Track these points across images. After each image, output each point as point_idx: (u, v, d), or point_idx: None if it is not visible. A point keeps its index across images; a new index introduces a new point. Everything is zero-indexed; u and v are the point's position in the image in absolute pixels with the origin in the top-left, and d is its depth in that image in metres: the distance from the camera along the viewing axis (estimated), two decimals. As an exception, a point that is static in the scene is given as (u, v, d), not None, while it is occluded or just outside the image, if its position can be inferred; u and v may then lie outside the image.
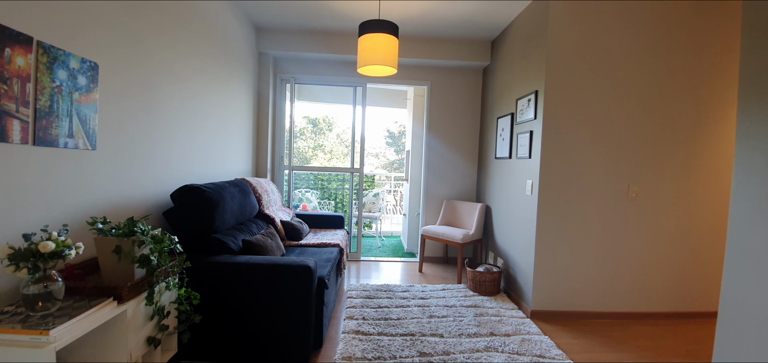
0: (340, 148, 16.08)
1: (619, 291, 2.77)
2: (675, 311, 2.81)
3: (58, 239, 1.17)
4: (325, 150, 15.47)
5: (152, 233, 1.48)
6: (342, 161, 15.58)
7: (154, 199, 2.09)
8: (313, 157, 14.77)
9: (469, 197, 4.17)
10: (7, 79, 1.26)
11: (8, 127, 1.27)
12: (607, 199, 2.72)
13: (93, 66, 1.61)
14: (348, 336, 2.34)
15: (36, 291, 1.14)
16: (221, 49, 2.90)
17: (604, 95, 2.67)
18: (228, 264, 1.93)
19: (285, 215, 3.36)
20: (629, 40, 2.65)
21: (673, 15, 2.65)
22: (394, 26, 2.51)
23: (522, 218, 2.94)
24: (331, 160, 15.16)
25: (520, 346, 2.29)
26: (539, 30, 2.74)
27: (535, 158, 2.74)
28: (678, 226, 2.77)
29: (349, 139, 16.09)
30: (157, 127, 2.09)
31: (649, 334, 2.57)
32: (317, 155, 15.07)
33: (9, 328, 1.07)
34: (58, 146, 1.45)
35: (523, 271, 2.89)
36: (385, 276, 3.70)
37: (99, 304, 1.24)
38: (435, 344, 2.28)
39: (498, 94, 3.57)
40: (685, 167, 2.75)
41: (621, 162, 2.71)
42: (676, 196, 2.76)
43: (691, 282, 2.81)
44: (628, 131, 2.70)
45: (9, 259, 1.10)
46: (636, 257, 2.76)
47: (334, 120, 15.65)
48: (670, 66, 2.69)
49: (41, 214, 1.39)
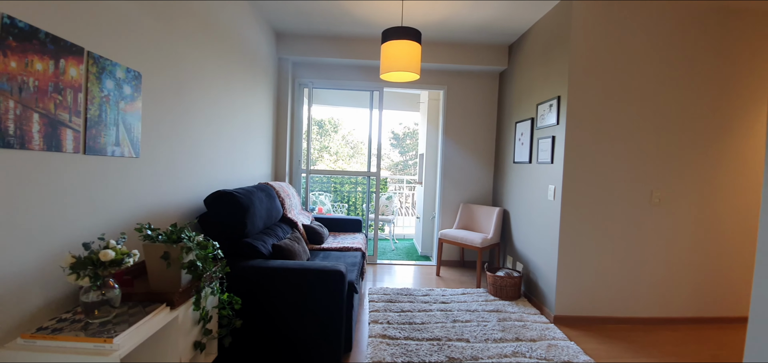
0: (345, 150, 16.13)
1: (641, 296, 2.77)
2: (698, 316, 2.81)
3: (117, 247, 1.20)
4: (331, 151, 15.52)
5: (197, 239, 1.51)
6: (347, 163, 15.62)
7: (187, 204, 2.12)
8: (319, 158, 14.81)
9: (485, 201, 4.18)
10: (62, 90, 1.29)
11: (62, 136, 1.30)
12: (630, 204, 2.72)
13: (137, 75, 1.64)
14: (375, 340, 2.36)
15: (95, 298, 1.17)
16: (246, 55, 2.93)
17: (627, 100, 2.68)
18: (264, 268, 1.96)
19: (305, 219, 3.38)
20: (652, 45, 2.66)
21: (696, 19, 2.66)
22: (417, 33, 2.54)
23: (543, 223, 2.94)
24: (337, 162, 15.21)
25: (548, 351, 2.30)
26: (561, 35, 2.76)
27: (558, 163, 2.75)
28: (701, 232, 2.78)
29: (354, 140, 16.16)
30: (191, 134, 2.13)
31: (672, 340, 2.57)
32: (323, 157, 15.12)
33: (72, 335, 1.10)
34: (106, 154, 1.49)
35: (545, 276, 2.90)
36: (403, 279, 3.72)
37: (154, 310, 1.27)
38: (462, 349, 2.29)
39: (516, 99, 3.59)
40: (708, 172, 2.75)
41: (644, 167, 2.71)
42: (699, 202, 2.76)
43: (714, 287, 2.81)
44: (651, 136, 2.70)
45: (71, 268, 1.12)
46: (659, 262, 2.76)
47: (340, 122, 15.70)
48: (694, 70, 2.69)
49: (91, 221, 1.42)
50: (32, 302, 1.22)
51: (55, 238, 1.28)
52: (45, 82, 1.22)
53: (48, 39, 1.23)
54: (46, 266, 1.26)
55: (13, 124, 1.13)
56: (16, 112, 1.13)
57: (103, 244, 1.21)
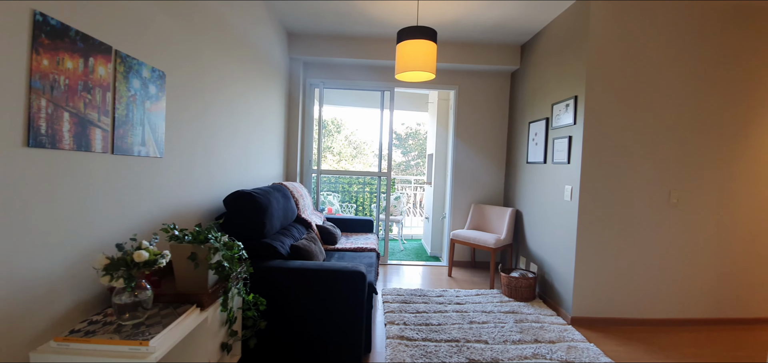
0: (348, 150, 16.10)
1: (660, 297, 2.75)
2: (716, 317, 2.79)
3: (150, 248, 1.18)
4: (334, 152, 15.49)
5: (223, 240, 1.49)
6: (350, 163, 15.61)
7: (207, 204, 2.11)
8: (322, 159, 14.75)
9: (497, 201, 4.16)
10: (91, 89, 1.27)
11: (92, 136, 1.28)
12: (648, 205, 2.70)
13: (161, 75, 1.62)
14: (393, 341, 2.34)
15: (127, 300, 1.15)
16: (260, 56, 2.91)
17: (645, 100, 2.66)
18: (285, 269, 1.94)
19: (318, 219, 3.36)
20: (670, 44, 2.64)
21: (713, 19, 2.64)
22: (433, 32, 2.52)
23: (559, 224, 2.92)
24: (341, 163, 15.19)
25: (568, 353, 2.27)
26: (578, 34, 2.74)
27: (575, 164, 2.73)
28: (720, 232, 2.75)
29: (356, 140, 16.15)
30: (210, 134, 2.11)
31: (691, 341, 2.55)
32: (326, 157, 15.09)
33: (106, 338, 1.08)
34: (133, 154, 1.47)
35: (561, 277, 2.88)
36: (414, 280, 3.70)
37: (185, 311, 1.25)
38: (482, 351, 2.27)
39: (529, 99, 3.57)
40: (727, 172, 2.73)
41: (662, 168, 2.69)
42: (717, 202, 2.74)
43: (733, 288, 2.79)
44: (669, 137, 2.68)
45: (105, 269, 1.10)
46: (677, 263, 2.74)
47: (343, 122, 15.68)
48: (712, 70, 2.67)
49: (118, 221, 1.41)
50: (62, 304, 1.20)
51: (84, 238, 1.26)
52: (75, 80, 1.21)
53: (78, 37, 1.21)
54: (76, 267, 1.24)
55: (44, 122, 1.11)
56: (47, 111, 1.12)
57: (136, 244, 1.19)
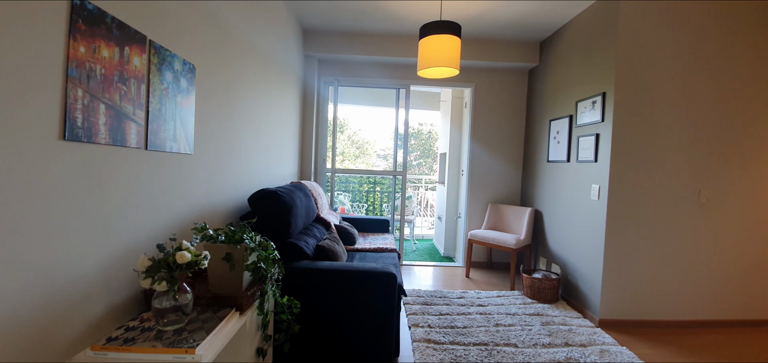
0: (351, 150, 16.03)
1: (688, 298, 2.68)
2: (747, 319, 2.72)
3: (192, 249, 1.11)
4: (337, 152, 15.40)
5: (258, 240, 1.42)
6: (353, 162, 15.55)
7: (232, 203, 2.04)
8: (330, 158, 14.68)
9: (514, 201, 4.09)
10: (127, 80, 1.21)
11: (127, 129, 1.21)
12: (677, 204, 2.64)
13: (192, 68, 1.55)
14: (421, 345, 2.27)
15: (168, 304, 1.08)
16: (279, 53, 2.84)
17: (674, 98, 2.60)
18: (315, 270, 1.87)
19: (334, 219, 3.29)
20: (699, 43, 2.57)
21: (743, 18, 2.58)
22: (457, 26, 2.45)
23: (586, 224, 2.86)
24: (344, 162, 15.11)
25: (601, 357, 2.21)
26: (606, 30, 2.67)
27: (603, 162, 2.67)
28: (750, 232, 2.69)
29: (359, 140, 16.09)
30: (236, 131, 2.04)
31: (723, 343, 2.48)
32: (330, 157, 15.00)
33: (148, 346, 1.01)
34: (165, 150, 1.40)
35: (588, 278, 2.81)
36: (430, 281, 3.63)
37: (225, 315, 1.18)
38: (512, 355, 2.20)
39: (550, 96, 3.50)
40: (756, 172, 2.66)
41: (692, 166, 2.63)
42: (747, 202, 2.67)
43: (762, 288, 2.72)
44: (699, 135, 2.62)
45: (147, 271, 1.03)
46: (707, 264, 2.67)
47: (346, 121, 15.60)
48: (743, 70, 2.61)
49: (151, 219, 1.34)
50: (96, 309, 1.13)
51: (118, 239, 1.19)
52: (111, 70, 1.14)
53: (114, 24, 1.14)
54: (110, 269, 1.17)
55: (81, 114, 1.04)
56: (84, 102, 1.04)
57: (176, 245, 1.12)
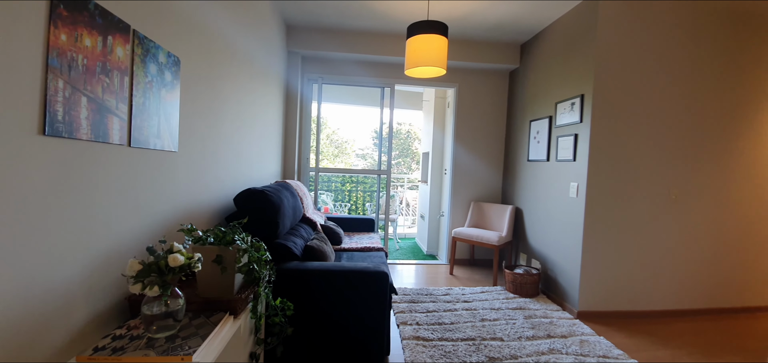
0: (329, 149, 15.88)
1: (660, 290, 2.85)
2: (713, 307, 2.92)
3: (184, 251, 1.05)
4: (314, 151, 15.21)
5: (250, 240, 1.38)
6: (332, 162, 15.42)
7: (217, 203, 1.96)
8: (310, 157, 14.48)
9: (495, 199, 4.20)
10: (109, 72, 1.13)
11: (109, 124, 1.14)
12: (650, 201, 2.79)
13: (176, 61, 1.48)
14: (410, 342, 2.28)
15: (159, 310, 1.02)
16: (263, 47, 2.76)
17: (648, 100, 2.75)
18: (306, 270, 1.83)
19: (320, 218, 3.24)
20: (672, 46, 2.74)
21: (713, 20, 2.76)
22: (444, 27, 2.48)
23: (564, 220, 2.97)
24: (323, 161, 14.95)
25: (582, 347, 2.30)
26: (584, 34, 2.79)
27: (581, 161, 2.78)
28: (716, 227, 2.89)
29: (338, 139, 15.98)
30: (220, 128, 1.96)
31: (692, 330, 2.65)
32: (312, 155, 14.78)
33: (140, 355, 0.95)
34: (149, 147, 1.32)
35: (566, 272, 2.92)
36: (415, 278, 3.65)
37: (219, 319, 1.13)
38: (499, 348, 2.26)
39: (530, 97, 3.61)
40: (724, 169, 2.87)
41: (663, 165, 2.79)
42: (714, 199, 2.87)
43: (728, 279, 2.94)
44: (669, 135, 2.79)
45: (137, 275, 0.97)
46: (677, 257, 2.85)
47: (325, 120, 15.43)
48: (712, 71, 2.80)
49: (134, 222, 1.26)
50: (78, 317, 1.05)
51: (100, 242, 1.11)
52: (93, 61, 1.06)
53: (97, 11, 1.07)
54: (92, 274, 1.09)
55: (62, 107, 0.96)
56: (65, 94, 0.97)
57: (166, 247, 1.06)
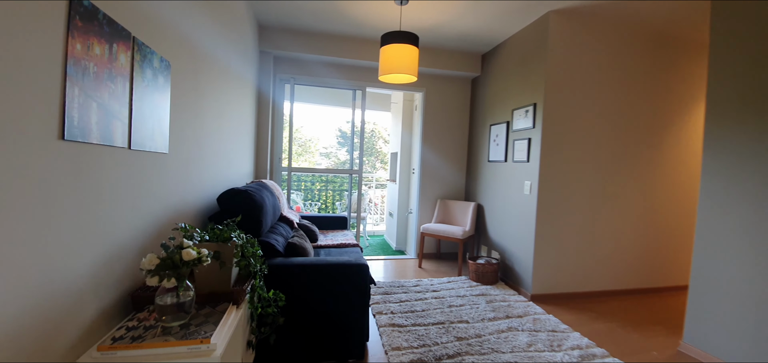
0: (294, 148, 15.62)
1: (599, 273, 3.31)
2: (642, 287, 3.44)
3: (194, 246, 1.15)
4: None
5: (245, 237, 1.48)
6: (296, 161, 15.21)
7: (200, 202, 2.00)
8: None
9: (459, 196, 4.52)
10: (114, 78, 1.19)
11: (114, 128, 1.19)
12: (588, 196, 3.23)
13: (167, 65, 1.53)
14: (387, 329, 2.47)
15: (172, 301, 1.11)
16: (239, 47, 2.79)
17: (588, 107, 3.18)
18: (293, 265, 1.94)
19: (295, 217, 3.32)
20: (608, 61, 3.19)
21: (644, 41, 3.25)
22: (415, 37, 2.70)
23: (519, 215, 3.33)
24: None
25: (534, 324, 2.64)
26: (537, 49, 3.15)
27: (534, 162, 3.15)
28: (644, 219, 3.41)
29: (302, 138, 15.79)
30: (203, 129, 2.01)
31: (623, 307, 3.12)
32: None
33: (160, 341, 1.04)
34: (145, 149, 1.38)
35: (521, 261, 3.29)
36: (387, 273, 3.86)
37: (225, 309, 1.24)
38: (465, 329, 2.52)
39: (490, 104, 3.96)
40: (649, 170, 3.39)
41: (600, 165, 3.24)
42: (642, 196, 3.38)
43: (653, 264, 3.47)
44: (607, 140, 3.24)
45: (155, 269, 1.06)
46: (610, 244, 3.33)
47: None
48: (641, 84, 3.28)
49: (132, 220, 1.31)
50: (88, 312, 1.10)
51: (106, 239, 1.17)
52: (102, 68, 1.12)
53: (105, 21, 1.12)
54: (100, 271, 1.15)
55: (77, 113, 1.02)
56: (79, 101, 1.03)
57: (175, 242, 1.15)
